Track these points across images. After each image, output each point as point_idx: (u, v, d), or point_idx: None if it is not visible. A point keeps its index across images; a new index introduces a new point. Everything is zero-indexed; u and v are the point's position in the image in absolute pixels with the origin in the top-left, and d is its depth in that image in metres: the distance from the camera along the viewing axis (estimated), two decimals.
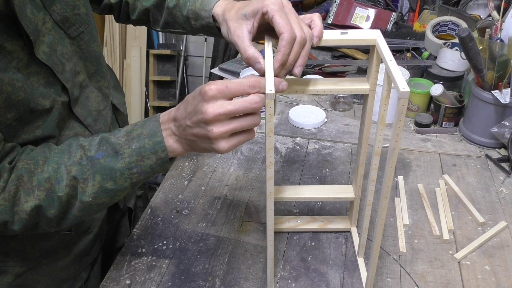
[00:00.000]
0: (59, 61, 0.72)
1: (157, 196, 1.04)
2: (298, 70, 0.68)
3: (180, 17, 0.86)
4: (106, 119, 0.85)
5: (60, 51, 0.72)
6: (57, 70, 0.71)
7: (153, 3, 0.89)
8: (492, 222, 0.97)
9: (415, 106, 1.30)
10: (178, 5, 0.85)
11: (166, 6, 0.87)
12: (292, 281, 0.84)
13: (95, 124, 0.82)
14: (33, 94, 0.67)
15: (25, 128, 0.69)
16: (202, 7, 0.81)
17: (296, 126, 1.28)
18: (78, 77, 0.77)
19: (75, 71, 0.76)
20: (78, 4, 0.77)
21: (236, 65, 1.56)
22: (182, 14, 0.85)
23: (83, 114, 0.79)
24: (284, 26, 0.65)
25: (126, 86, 2.66)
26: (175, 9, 0.86)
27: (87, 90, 0.80)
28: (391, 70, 0.61)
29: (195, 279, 0.84)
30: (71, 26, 0.75)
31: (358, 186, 0.85)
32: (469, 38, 1.07)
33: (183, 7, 0.84)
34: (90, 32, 0.80)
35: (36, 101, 0.68)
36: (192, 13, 0.83)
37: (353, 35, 0.71)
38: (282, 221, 0.95)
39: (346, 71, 1.48)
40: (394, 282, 0.84)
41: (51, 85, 0.71)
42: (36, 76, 0.68)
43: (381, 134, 0.71)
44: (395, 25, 1.69)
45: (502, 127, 1.13)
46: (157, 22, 0.91)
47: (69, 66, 0.74)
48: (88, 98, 0.80)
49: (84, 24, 0.78)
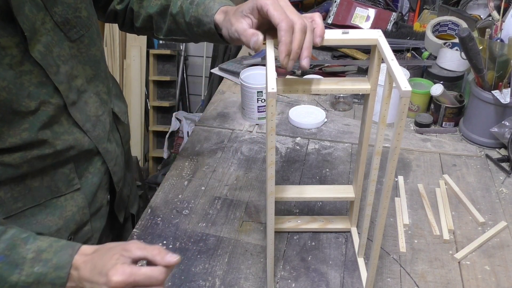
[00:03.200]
0: (54, 62, 0.71)
1: (157, 196, 1.04)
2: (306, 62, 0.68)
3: (183, 24, 0.86)
4: (104, 125, 0.84)
5: (57, 53, 0.72)
6: (50, 71, 0.70)
7: (157, 10, 0.89)
8: (492, 222, 0.97)
9: (415, 106, 1.30)
10: (181, 12, 0.85)
11: (169, 13, 0.88)
12: (292, 281, 0.84)
13: (94, 129, 0.81)
14: (18, 94, 0.66)
15: (10, 131, 0.68)
16: (205, 13, 0.82)
17: (296, 126, 1.28)
18: (76, 81, 0.76)
19: (72, 75, 0.75)
20: (80, 7, 0.76)
21: (236, 65, 1.56)
22: (184, 21, 0.85)
23: (82, 119, 0.78)
24: (279, 17, 0.66)
25: (126, 86, 2.66)
26: (178, 16, 0.86)
27: (85, 95, 0.79)
28: (393, 70, 0.61)
29: (195, 279, 0.84)
30: (71, 29, 0.75)
31: (358, 186, 0.85)
32: (469, 38, 1.07)
33: (186, 14, 0.84)
34: (91, 35, 0.79)
35: (20, 102, 0.67)
36: (195, 19, 0.84)
37: (355, 34, 0.71)
38: (282, 221, 0.95)
39: (346, 71, 1.48)
40: (394, 282, 0.84)
41: (43, 85, 0.70)
42: (29, 75, 0.68)
43: (382, 134, 0.71)
44: (395, 25, 1.69)
45: (502, 127, 1.13)
46: (160, 30, 0.91)
47: (64, 69, 0.73)
48: (86, 103, 0.79)
49: (85, 27, 0.78)
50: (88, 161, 0.83)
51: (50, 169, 0.77)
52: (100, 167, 0.85)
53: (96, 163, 0.84)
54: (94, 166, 0.84)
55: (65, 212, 0.80)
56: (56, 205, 0.79)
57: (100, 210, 0.88)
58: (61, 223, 0.80)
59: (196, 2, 0.84)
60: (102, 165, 0.85)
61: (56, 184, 0.78)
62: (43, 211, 0.78)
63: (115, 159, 0.89)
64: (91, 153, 0.82)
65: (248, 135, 1.25)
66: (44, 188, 0.77)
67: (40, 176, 0.76)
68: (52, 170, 0.77)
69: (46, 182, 0.77)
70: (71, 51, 0.75)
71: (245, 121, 1.30)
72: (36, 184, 0.76)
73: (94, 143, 0.81)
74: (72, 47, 0.75)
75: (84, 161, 0.82)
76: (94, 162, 0.84)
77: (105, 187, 0.89)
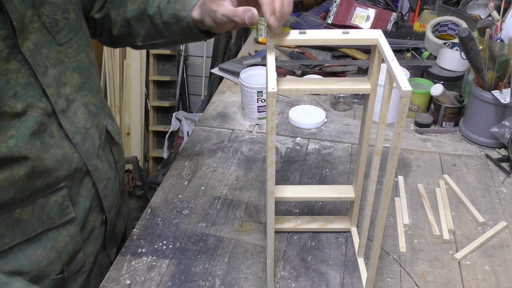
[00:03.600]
0: (42, 63, 0.68)
1: (157, 196, 1.04)
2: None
3: (161, 24, 0.85)
4: (93, 139, 0.80)
5: (45, 54, 0.69)
6: (38, 71, 0.67)
7: (134, 14, 0.88)
8: (492, 222, 0.97)
9: (415, 106, 1.30)
10: (158, 12, 0.84)
11: (147, 15, 0.86)
12: (292, 281, 0.84)
13: (84, 143, 0.77)
14: (2, 93, 0.63)
15: None
16: (182, 7, 0.81)
17: (296, 126, 1.28)
18: (64, 88, 0.74)
19: (61, 81, 0.73)
20: (69, 9, 0.75)
21: (236, 65, 1.56)
22: (162, 21, 0.85)
23: (72, 130, 0.75)
24: None
25: (126, 86, 2.66)
26: (156, 16, 0.85)
27: (74, 105, 0.76)
28: (393, 70, 0.61)
29: (195, 279, 0.84)
30: (59, 31, 0.72)
31: (358, 186, 0.85)
32: (469, 38, 1.07)
33: (164, 13, 0.84)
34: (79, 40, 0.77)
35: (5, 101, 0.63)
36: (172, 16, 0.83)
37: (355, 34, 0.71)
38: (282, 221, 0.95)
39: (346, 71, 1.48)
40: (394, 282, 0.84)
41: (31, 87, 0.67)
42: (15, 74, 0.65)
43: (382, 134, 0.71)
44: (395, 25, 1.69)
45: (502, 127, 1.13)
46: (138, 36, 0.90)
47: (53, 72, 0.70)
48: (75, 114, 0.76)
49: (73, 31, 0.75)
50: (79, 182, 0.79)
51: (41, 197, 0.72)
52: (90, 189, 0.81)
53: (87, 185, 0.80)
54: (85, 188, 0.80)
55: (57, 243, 0.76)
56: (48, 237, 0.75)
57: (93, 233, 0.85)
58: (53, 255, 0.76)
59: (174, 0, 0.83)
60: (93, 186, 0.82)
61: (49, 215, 0.73)
62: (33, 245, 0.73)
63: (106, 181, 0.85)
64: (81, 172, 0.78)
65: (248, 135, 1.25)
66: (35, 220, 0.72)
67: (30, 206, 0.71)
68: (44, 199, 0.72)
69: (37, 213, 0.72)
70: (59, 56, 0.73)
71: (245, 121, 1.30)
72: (26, 217, 0.71)
73: (83, 158, 0.77)
74: (60, 52, 0.73)
75: (76, 184, 0.78)
76: (84, 183, 0.80)
77: (97, 208, 0.85)
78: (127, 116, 2.68)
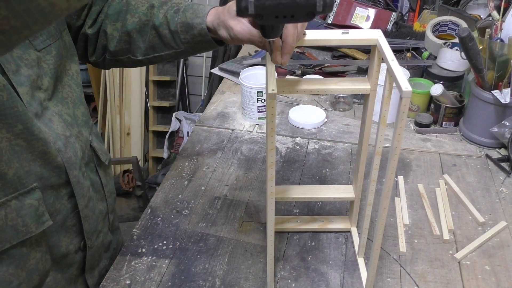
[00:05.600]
0: (13, 61, 0.64)
1: (157, 196, 1.04)
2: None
3: (167, 35, 0.82)
4: (75, 149, 0.74)
5: (19, 55, 0.66)
6: (8, 68, 0.63)
7: (136, 26, 0.84)
8: (492, 222, 0.97)
9: (415, 106, 1.30)
10: (165, 22, 0.82)
11: (151, 26, 0.83)
12: (292, 281, 0.84)
13: (66, 150, 0.72)
14: None
15: None
16: (195, 15, 0.79)
17: (296, 126, 1.28)
18: (39, 93, 0.69)
19: (36, 84, 0.68)
20: None
21: (236, 65, 1.56)
22: (169, 31, 0.82)
23: (52, 136, 0.69)
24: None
25: (126, 86, 2.66)
26: (162, 27, 0.82)
27: (48, 113, 0.71)
28: (393, 70, 0.61)
29: (195, 279, 0.84)
30: (37, 37, 0.69)
31: (358, 186, 0.85)
32: (469, 38, 1.07)
33: (171, 22, 0.81)
34: (58, 47, 0.73)
35: None
36: (182, 25, 0.80)
37: (355, 35, 0.71)
38: (282, 221, 0.95)
39: (346, 71, 1.48)
40: (394, 282, 0.84)
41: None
42: None
43: (382, 134, 0.71)
44: (395, 25, 1.69)
45: (502, 127, 1.13)
46: (138, 50, 0.85)
47: (27, 72, 0.66)
48: (51, 121, 0.71)
49: (52, 37, 0.72)
50: (55, 191, 0.72)
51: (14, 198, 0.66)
52: (66, 203, 0.74)
53: (63, 197, 0.73)
54: (60, 200, 0.73)
55: (29, 260, 0.69)
56: (21, 253, 0.68)
57: (67, 258, 0.77)
58: (24, 275, 0.69)
59: (182, 9, 0.81)
60: (70, 201, 0.75)
61: (24, 221, 0.67)
62: (4, 262, 0.67)
63: (87, 199, 0.78)
64: (59, 178, 0.72)
65: (248, 135, 1.25)
66: (9, 228, 0.65)
67: (3, 210, 0.64)
68: (17, 201, 0.66)
69: (11, 219, 0.65)
70: (38, 61, 0.69)
71: (245, 121, 1.30)
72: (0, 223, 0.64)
73: (65, 166, 0.71)
74: (40, 58, 0.69)
75: (50, 193, 0.71)
76: (60, 195, 0.73)
77: (74, 229, 0.77)
78: (127, 116, 2.68)
